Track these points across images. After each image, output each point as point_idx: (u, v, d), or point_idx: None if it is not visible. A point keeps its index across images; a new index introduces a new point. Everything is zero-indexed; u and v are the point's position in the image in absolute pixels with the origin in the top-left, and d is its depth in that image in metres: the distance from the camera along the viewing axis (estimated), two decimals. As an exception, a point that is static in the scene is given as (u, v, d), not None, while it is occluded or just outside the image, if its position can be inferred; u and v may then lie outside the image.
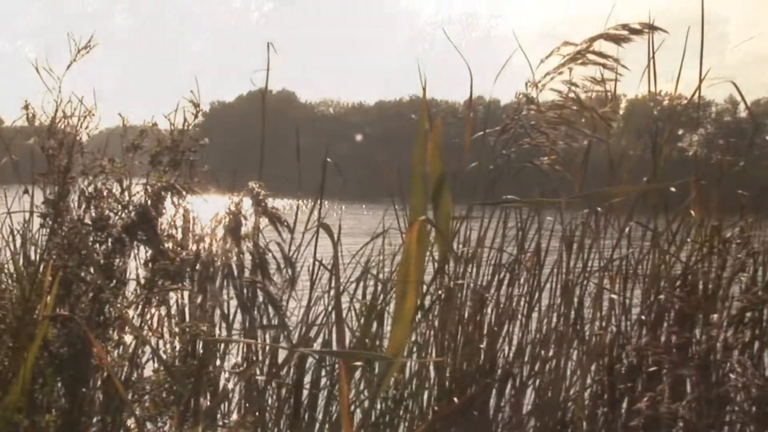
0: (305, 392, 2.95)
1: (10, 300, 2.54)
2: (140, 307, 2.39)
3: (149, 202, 2.39)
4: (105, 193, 2.46)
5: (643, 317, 3.12)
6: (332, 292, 3.13)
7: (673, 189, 3.04)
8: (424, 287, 2.73)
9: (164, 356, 2.46)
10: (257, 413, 2.77)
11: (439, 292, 3.01)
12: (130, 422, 2.39)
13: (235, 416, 2.82)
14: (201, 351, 2.54)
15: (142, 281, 2.41)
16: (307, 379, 2.98)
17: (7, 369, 2.30)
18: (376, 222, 3.64)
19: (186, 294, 2.69)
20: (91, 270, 2.35)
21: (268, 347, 2.81)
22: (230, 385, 2.77)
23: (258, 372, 2.86)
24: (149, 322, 2.50)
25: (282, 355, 2.93)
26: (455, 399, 2.89)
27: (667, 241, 3.18)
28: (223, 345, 2.88)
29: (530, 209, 3.26)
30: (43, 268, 2.31)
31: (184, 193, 2.41)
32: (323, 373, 3.00)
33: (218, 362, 2.83)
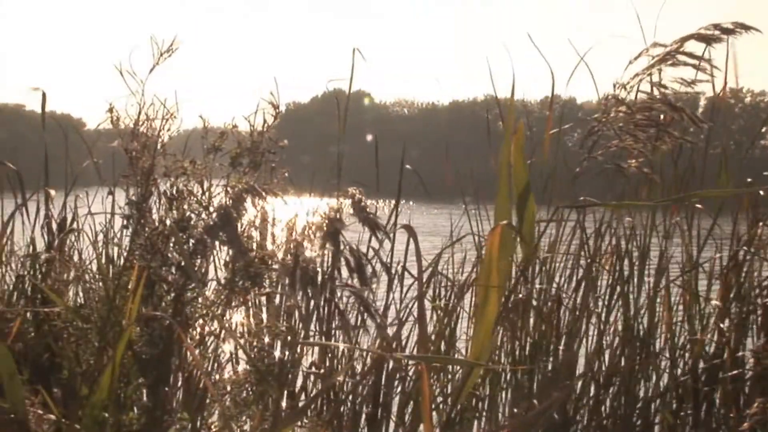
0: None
1: (94, 300, 2.59)
2: (221, 307, 2.41)
3: (230, 203, 2.40)
4: (186, 195, 2.48)
5: (725, 323, 3.05)
6: (406, 294, 3.12)
7: (761, 192, 2.95)
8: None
9: (244, 356, 2.47)
10: (336, 413, 2.77)
11: (519, 296, 2.98)
12: (212, 420, 2.41)
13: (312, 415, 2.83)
14: (281, 351, 2.54)
15: (223, 282, 2.42)
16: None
17: (93, 368, 2.35)
18: (438, 222, 3.63)
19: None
20: (173, 270, 2.38)
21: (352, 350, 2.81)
22: (309, 386, 2.78)
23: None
24: (229, 322, 2.51)
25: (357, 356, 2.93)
26: (535, 401, 2.86)
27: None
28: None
29: (610, 211, 3.20)
30: (128, 268, 2.35)
31: (264, 194, 2.42)
32: (397, 375, 2.99)
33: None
